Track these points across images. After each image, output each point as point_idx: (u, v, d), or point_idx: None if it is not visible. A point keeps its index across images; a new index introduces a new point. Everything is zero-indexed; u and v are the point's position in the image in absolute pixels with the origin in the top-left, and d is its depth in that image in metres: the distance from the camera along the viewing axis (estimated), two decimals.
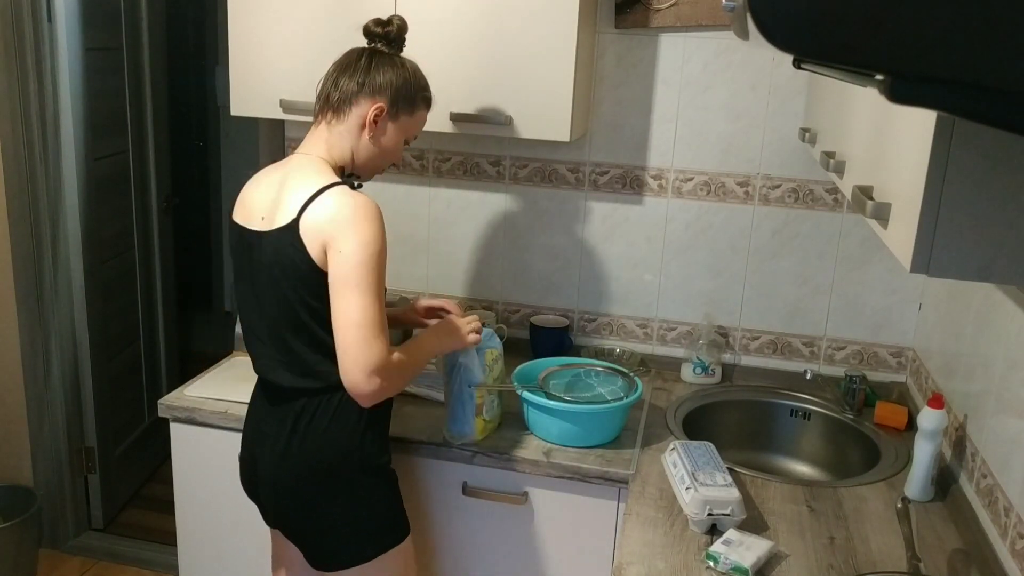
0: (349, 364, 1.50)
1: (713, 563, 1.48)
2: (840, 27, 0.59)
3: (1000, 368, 1.62)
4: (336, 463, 1.64)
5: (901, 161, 1.07)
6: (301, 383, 1.63)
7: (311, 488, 1.64)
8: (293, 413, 1.64)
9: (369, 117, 1.62)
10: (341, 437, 1.63)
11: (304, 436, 1.63)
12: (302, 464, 1.64)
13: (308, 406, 1.63)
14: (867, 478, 1.84)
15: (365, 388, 1.51)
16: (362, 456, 1.65)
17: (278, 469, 1.66)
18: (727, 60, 2.20)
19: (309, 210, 1.53)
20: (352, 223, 1.51)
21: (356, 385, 1.51)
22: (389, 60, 1.65)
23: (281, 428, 1.66)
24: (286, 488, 1.66)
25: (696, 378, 2.28)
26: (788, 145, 2.22)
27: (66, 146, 2.78)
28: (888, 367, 2.30)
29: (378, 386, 1.52)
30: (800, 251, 2.27)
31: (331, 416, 1.63)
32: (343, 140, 1.64)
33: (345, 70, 1.64)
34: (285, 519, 1.70)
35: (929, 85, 0.60)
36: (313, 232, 1.52)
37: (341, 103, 1.63)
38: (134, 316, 3.27)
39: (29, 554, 2.81)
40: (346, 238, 1.50)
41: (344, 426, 1.63)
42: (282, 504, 1.68)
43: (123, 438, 3.22)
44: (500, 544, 1.93)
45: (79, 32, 2.77)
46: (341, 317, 1.51)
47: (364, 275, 1.50)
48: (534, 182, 2.37)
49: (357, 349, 1.49)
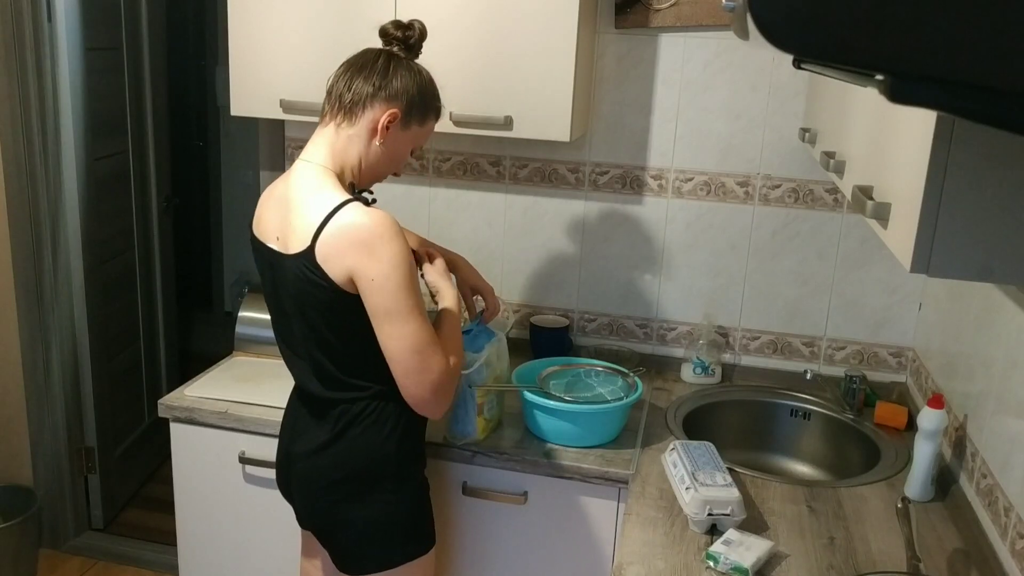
0: (413, 388, 1.51)
1: (713, 563, 1.48)
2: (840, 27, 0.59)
3: (1000, 368, 1.62)
4: (370, 468, 1.62)
5: (901, 161, 1.07)
6: (336, 395, 1.62)
7: (344, 491, 1.63)
8: (331, 418, 1.63)
9: (382, 123, 1.55)
10: (376, 443, 1.62)
11: (340, 440, 1.62)
12: (336, 467, 1.63)
13: (345, 413, 1.62)
14: (867, 478, 1.84)
15: (435, 405, 1.54)
16: (397, 462, 1.64)
17: (312, 470, 1.65)
18: (727, 60, 2.20)
19: (324, 235, 1.47)
20: (375, 248, 1.45)
21: (425, 405, 1.53)
22: (407, 66, 1.59)
23: (318, 431, 1.64)
24: (319, 489, 1.65)
25: (696, 378, 2.28)
26: (788, 145, 2.22)
27: (66, 146, 2.78)
28: (888, 367, 2.30)
29: (445, 396, 1.54)
30: (800, 251, 2.27)
31: (369, 423, 1.61)
32: (351, 144, 1.57)
33: (360, 71, 1.56)
34: (316, 520, 1.69)
35: (929, 85, 0.60)
36: (333, 258, 1.47)
37: (354, 105, 1.56)
38: (134, 316, 3.27)
39: (29, 554, 2.81)
40: (373, 265, 1.45)
41: (380, 432, 1.62)
42: (314, 505, 1.67)
43: (123, 438, 3.22)
44: (500, 544, 1.93)
45: (79, 32, 2.77)
46: (394, 346, 1.49)
47: (403, 299, 1.46)
48: (534, 182, 2.37)
49: (418, 374, 1.50)
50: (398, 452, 1.64)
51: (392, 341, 1.49)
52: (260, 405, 2.01)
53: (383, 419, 1.62)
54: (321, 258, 1.47)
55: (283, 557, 2.04)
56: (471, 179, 2.40)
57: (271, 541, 2.05)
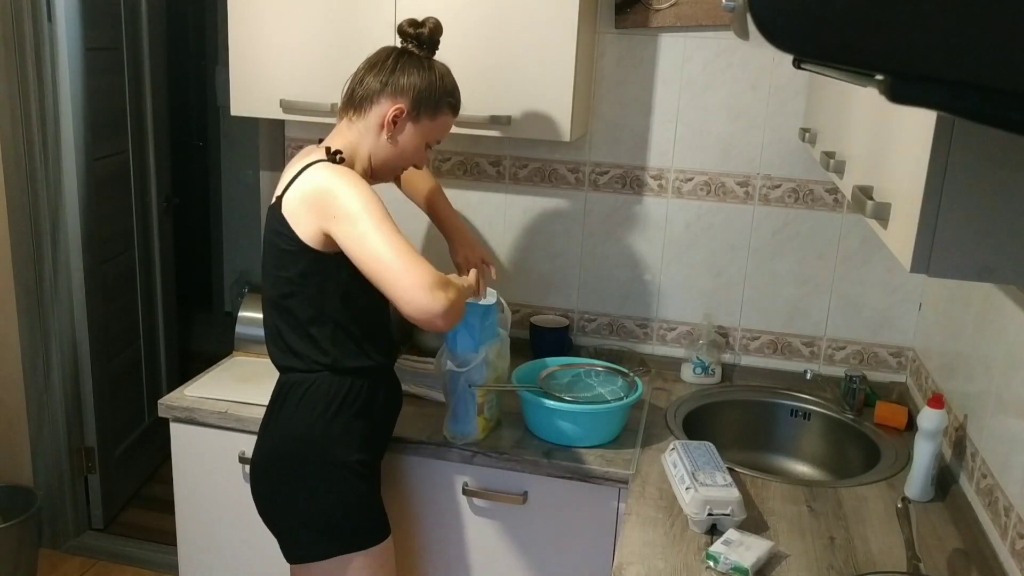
0: (405, 293, 1.44)
1: (713, 563, 1.48)
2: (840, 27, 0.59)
3: (1000, 368, 1.62)
4: (297, 450, 1.64)
5: (901, 161, 1.07)
6: (284, 360, 1.68)
7: (277, 473, 1.66)
8: (274, 394, 1.69)
9: (388, 117, 1.62)
10: (303, 424, 1.64)
11: (278, 419, 1.67)
12: (271, 447, 1.67)
13: (285, 387, 1.67)
14: (867, 478, 1.84)
15: (434, 305, 1.44)
16: (324, 447, 1.64)
17: (257, 449, 1.70)
18: (727, 60, 2.20)
19: (290, 189, 1.56)
20: (338, 187, 1.50)
21: (424, 307, 1.44)
22: (417, 62, 1.64)
23: (268, 409, 1.71)
24: (257, 469, 1.69)
25: (696, 378, 2.28)
26: (788, 145, 2.22)
27: (66, 146, 2.78)
28: (888, 367, 2.30)
29: (445, 299, 1.45)
30: (800, 251, 2.27)
31: (298, 400, 1.65)
32: (362, 138, 1.65)
33: (372, 68, 1.64)
34: (258, 507, 1.71)
35: (929, 85, 0.60)
36: (298, 208, 1.54)
37: (363, 100, 1.63)
38: (134, 316, 3.27)
39: (29, 554, 2.81)
40: (338, 201, 1.49)
41: (309, 413, 1.64)
42: (254, 487, 1.71)
43: (123, 438, 3.22)
44: (500, 544, 1.93)
45: (79, 32, 2.77)
46: (372, 265, 1.47)
47: (370, 218, 1.47)
48: (534, 182, 2.37)
49: (404, 275, 1.44)
50: (325, 435, 1.63)
51: (369, 261, 1.47)
52: (260, 405, 2.00)
53: (316, 397, 1.64)
54: (286, 208, 1.56)
55: (283, 557, 2.04)
56: (471, 179, 2.40)
57: (271, 541, 2.05)
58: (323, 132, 2.44)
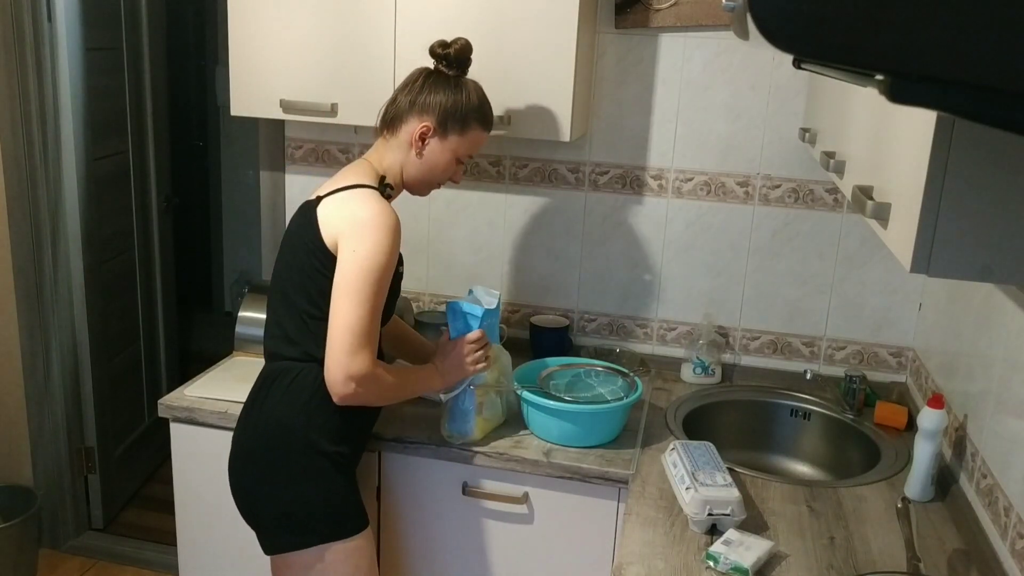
0: (332, 365, 1.58)
1: (713, 563, 1.48)
2: (840, 27, 0.59)
3: (1000, 368, 1.62)
4: (280, 437, 1.67)
5: (901, 161, 1.07)
6: (277, 347, 1.72)
7: (258, 462, 1.68)
8: (259, 383, 1.73)
9: (416, 135, 1.71)
10: (287, 412, 1.67)
11: (261, 406, 1.69)
12: (252, 436, 1.70)
13: (271, 375, 1.70)
14: (867, 478, 1.84)
15: (340, 390, 1.59)
16: (305, 437, 1.66)
17: (237, 439, 1.72)
18: (727, 60, 2.20)
19: (333, 197, 1.64)
20: (369, 227, 1.59)
21: (333, 384, 1.59)
22: (445, 81, 1.73)
23: (250, 398, 1.74)
24: (237, 459, 1.72)
25: (696, 378, 2.28)
26: (788, 145, 2.22)
27: (66, 146, 2.78)
28: (888, 367, 2.30)
29: (352, 391, 1.59)
30: (800, 251, 2.27)
31: (285, 388, 1.68)
32: (395, 153, 1.75)
33: (404, 88, 1.74)
34: (236, 497, 1.73)
35: (929, 85, 0.60)
36: (330, 217, 1.63)
37: (395, 119, 1.73)
38: (134, 316, 3.27)
39: (29, 554, 2.81)
40: (360, 240, 1.59)
41: (294, 401, 1.67)
42: (233, 477, 1.72)
43: (123, 438, 3.22)
44: (500, 544, 1.93)
45: (79, 32, 2.77)
46: (336, 319, 1.59)
47: (367, 284, 1.58)
48: (534, 182, 2.37)
49: (342, 353, 1.57)
50: (308, 424, 1.66)
51: (336, 314, 1.58)
52: None
53: (302, 386, 1.67)
54: (321, 210, 1.64)
55: None
56: (471, 179, 2.40)
57: None
58: (323, 132, 2.45)
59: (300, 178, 2.51)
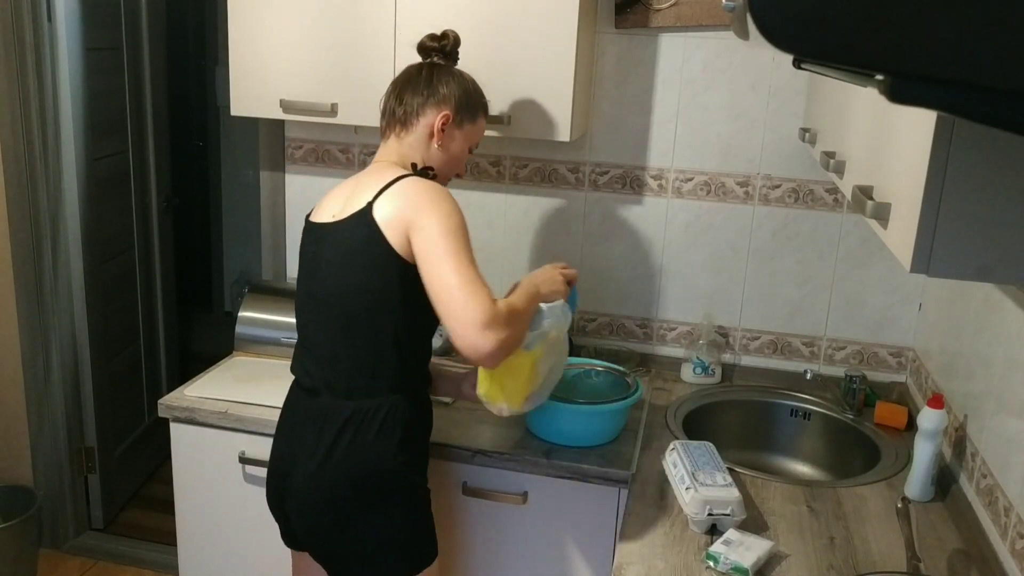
0: (459, 327, 1.46)
1: (713, 563, 1.48)
2: (840, 27, 0.59)
3: (1000, 368, 1.62)
4: (376, 479, 1.59)
5: (901, 161, 1.07)
6: (351, 382, 1.60)
7: (347, 505, 1.59)
8: (336, 423, 1.60)
9: (437, 125, 1.67)
10: (386, 452, 1.59)
11: (347, 449, 1.58)
12: (341, 479, 1.59)
13: (355, 416, 1.59)
14: (867, 478, 1.84)
15: (484, 345, 1.45)
16: (405, 473, 1.62)
17: (314, 482, 1.60)
18: (727, 60, 2.20)
19: (383, 196, 1.56)
20: (430, 202, 1.54)
21: (473, 345, 1.45)
22: (448, 71, 1.72)
23: (320, 438, 1.60)
24: (321, 503, 1.60)
25: (696, 378, 2.28)
26: (788, 145, 2.22)
27: (66, 146, 2.78)
28: (888, 367, 2.30)
29: (495, 340, 1.45)
30: (800, 251, 2.27)
31: (377, 430, 1.59)
32: (414, 150, 1.69)
33: (407, 85, 1.70)
34: (316, 540, 1.63)
35: (929, 85, 0.60)
36: (389, 215, 1.54)
37: (408, 115, 1.68)
38: (134, 316, 3.27)
39: (29, 554, 2.81)
40: (427, 215, 1.52)
41: (389, 443, 1.59)
42: (313, 521, 1.62)
43: (123, 438, 3.22)
44: (500, 544, 1.93)
45: (79, 32, 2.77)
46: (437, 285, 1.49)
47: (451, 243, 1.50)
48: (534, 182, 2.37)
49: (462, 309, 1.45)
50: (407, 463, 1.62)
51: (435, 282, 1.50)
52: (260, 405, 2.01)
53: (393, 426, 1.60)
54: (377, 213, 1.55)
55: (283, 557, 2.04)
56: (471, 179, 2.40)
57: (271, 541, 2.05)
58: (323, 132, 2.45)
59: (300, 178, 2.51)
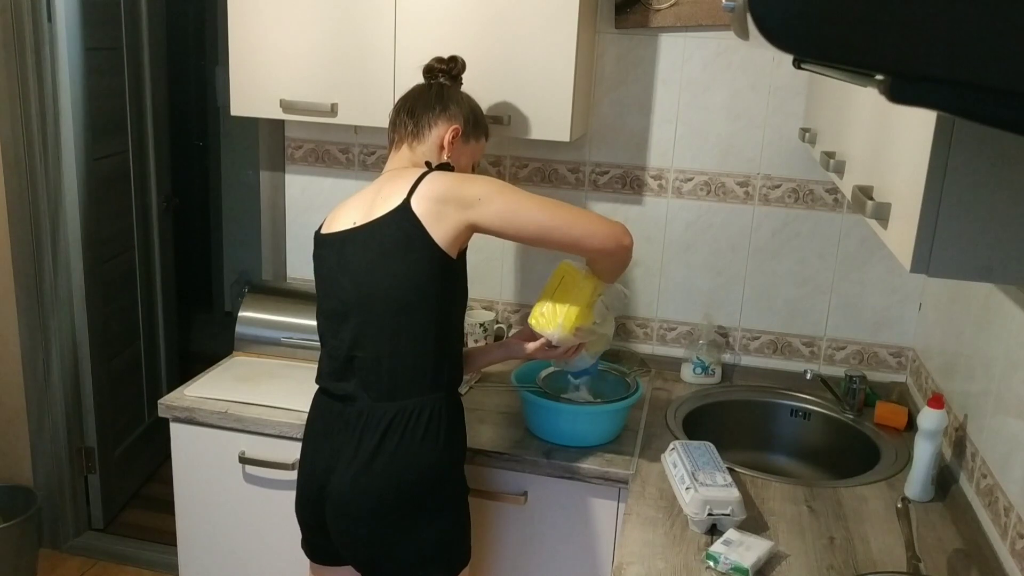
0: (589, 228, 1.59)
1: (713, 563, 1.48)
2: (840, 27, 0.59)
3: (1000, 368, 1.62)
4: (428, 482, 1.57)
5: (901, 161, 1.07)
6: (393, 384, 1.57)
7: (395, 511, 1.57)
8: (380, 426, 1.56)
9: (447, 138, 1.71)
10: (434, 453, 1.58)
11: (394, 452, 1.55)
12: (388, 484, 1.55)
13: (399, 417, 1.56)
14: (867, 478, 1.84)
15: (625, 237, 1.62)
16: (451, 475, 1.62)
17: (357, 489, 1.56)
18: (727, 60, 2.20)
19: (419, 190, 1.57)
20: (467, 179, 1.60)
21: (617, 236, 1.61)
22: (456, 92, 1.78)
23: (360, 444, 1.57)
24: (365, 511, 1.57)
25: (696, 378, 2.28)
26: (788, 145, 2.22)
27: (66, 146, 2.78)
28: (888, 367, 2.30)
29: (618, 224, 1.63)
30: (800, 251, 2.27)
31: (424, 431, 1.56)
32: (426, 158, 1.72)
33: (419, 101, 1.74)
34: (360, 551, 1.60)
35: (929, 85, 0.60)
36: (430, 206, 1.55)
37: (420, 128, 1.72)
38: (134, 316, 3.27)
39: (29, 554, 2.81)
40: (473, 190, 1.56)
41: (437, 441, 1.58)
42: (357, 530, 1.58)
43: (123, 438, 3.22)
44: (500, 544, 1.93)
45: (79, 32, 2.77)
46: (536, 221, 1.57)
47: (513, 190, 1.59)
48: (534, 182, 2.37)
49: (579, 217, 1.60)
50: (454, 463, 1.63)
51: (534, 219, 1.57)
52: (260, 405, 2.01)
53: (439, 424, 1.58)
54: (416, 206, 1.55)
55: (283, 557, 2.04)
56: None
57: (271, 541, 2.05)
58: (323, 132, 2.45)
59: (300, 178, 2.51)
